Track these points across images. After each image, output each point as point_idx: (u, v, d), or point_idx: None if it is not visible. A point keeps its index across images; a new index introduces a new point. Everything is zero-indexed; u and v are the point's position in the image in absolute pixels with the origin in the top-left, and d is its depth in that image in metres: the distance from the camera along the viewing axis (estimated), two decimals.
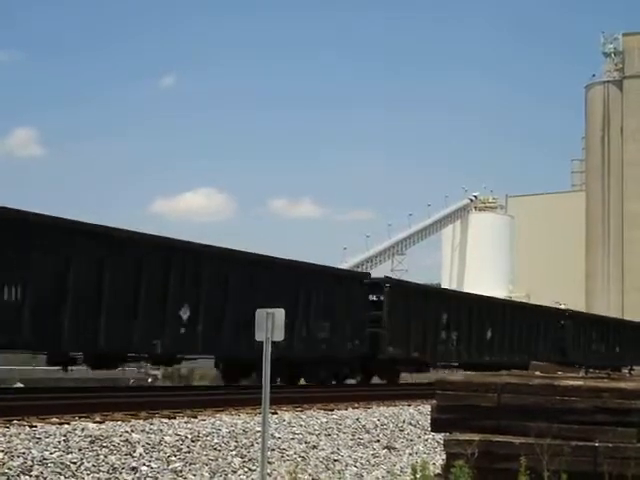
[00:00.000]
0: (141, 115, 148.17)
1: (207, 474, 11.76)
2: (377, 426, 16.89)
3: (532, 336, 34.73)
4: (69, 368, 19.81)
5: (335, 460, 13.95)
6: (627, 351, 42.74)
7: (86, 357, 19.23)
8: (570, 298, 66.21)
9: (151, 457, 11.67)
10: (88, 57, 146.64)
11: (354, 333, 25.25)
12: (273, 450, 13.32)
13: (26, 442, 10.99)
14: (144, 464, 11.38)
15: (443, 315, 29.55)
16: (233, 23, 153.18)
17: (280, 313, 10.77)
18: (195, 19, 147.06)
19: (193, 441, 12.72)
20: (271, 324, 10.66)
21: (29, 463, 10.34)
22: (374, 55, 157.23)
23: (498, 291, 63.93)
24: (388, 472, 13.92)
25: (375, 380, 29.04)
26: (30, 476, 10.11)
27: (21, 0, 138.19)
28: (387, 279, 27.87)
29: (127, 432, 12.34)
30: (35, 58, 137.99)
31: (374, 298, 26.60)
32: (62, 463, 10.59)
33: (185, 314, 19.93)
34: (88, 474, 10.61)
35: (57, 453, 10.83)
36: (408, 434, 17.01)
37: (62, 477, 10.33)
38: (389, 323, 26.41)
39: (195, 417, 14.59)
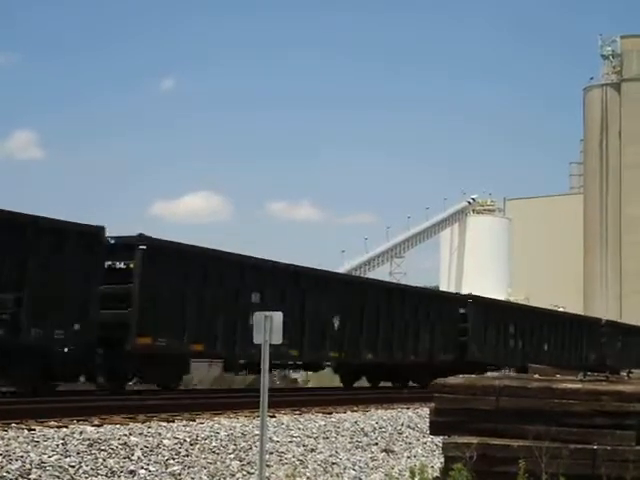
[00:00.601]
0: (141, 116, 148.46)
1: (206, 477, 11.75)
2: (375, 429, 16.87)
3: (411, 328, 27.29)
4: None
5: (333, 463, 13.94)
6: (560, 349, 35.62)
7: None
8: (569, 301, 66.25)
9: (149, 460, 11.66)
10: (88, 57, 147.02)
11: (73, 315, 17.83)
12: (271, 453, 13.31)
13: (24, 445, 10.98)
14: (142, 467, 11.37)
15: (253, 294, 21.69)
16: (233, 23, 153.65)
17: (278, 316, 10.76)
18: (195, 19, 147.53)
19: (191, 444, 12.71)
20: (269, 326, 10.65)
21: (27, 466, 10.32)
22: (374, 55, 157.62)
23: (497, 294, 63.83)
24: (386, 475, 13.89)
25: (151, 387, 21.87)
26: None
27: (21, 0, 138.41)
28: (142, 237, 19.33)
29: (125, 435, 12.33)
30: (34, 59, 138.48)
31: (121, 265, 19.19)
32: (60, 466, 10.58)
33: None
34: (86, 477, 10.59)
35: (55, 456, 10.82)
36: (407, 437, 16.99)
37: None
38: (144, 301, 18.86)
39: (193, 420, 14.58)
